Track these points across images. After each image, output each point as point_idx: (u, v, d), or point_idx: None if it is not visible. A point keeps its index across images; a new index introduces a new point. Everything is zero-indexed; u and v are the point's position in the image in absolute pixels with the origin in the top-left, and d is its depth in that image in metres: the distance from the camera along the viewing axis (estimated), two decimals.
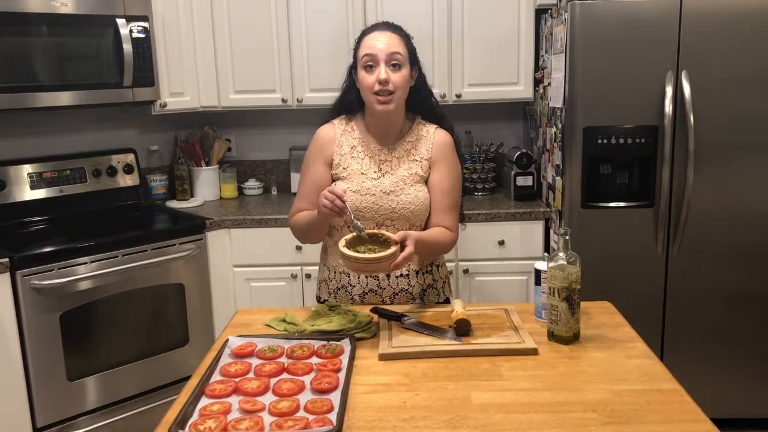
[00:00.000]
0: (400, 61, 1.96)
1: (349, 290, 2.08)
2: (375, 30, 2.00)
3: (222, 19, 3.37)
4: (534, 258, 3.02)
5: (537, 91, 3.41)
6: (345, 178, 2.04)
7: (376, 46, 1.95)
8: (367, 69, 1.96)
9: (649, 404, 1.39)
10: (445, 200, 2.05)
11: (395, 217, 2.01)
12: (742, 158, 2.85)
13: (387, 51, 1.94)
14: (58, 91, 2.86)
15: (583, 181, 2.91)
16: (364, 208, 2.01)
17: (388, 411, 1.39)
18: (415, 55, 2.04)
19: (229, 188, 3.72)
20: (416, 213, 2.01)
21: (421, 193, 2.02)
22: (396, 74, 1.95)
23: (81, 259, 2.70)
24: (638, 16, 2.77)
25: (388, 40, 1.96)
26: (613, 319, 1.86)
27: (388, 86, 1.94)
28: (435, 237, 2.00)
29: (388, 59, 1.94)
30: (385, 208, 2.00)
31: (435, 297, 2.13)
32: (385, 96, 1.95)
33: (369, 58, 1.95)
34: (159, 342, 2.96)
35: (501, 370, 1.56)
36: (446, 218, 2.04)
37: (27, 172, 3.11)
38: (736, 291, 2.95)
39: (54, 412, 2.68)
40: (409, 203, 2.00)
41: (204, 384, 1.49)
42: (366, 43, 1.98)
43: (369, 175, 2.03)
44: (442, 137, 2.08)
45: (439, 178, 2.05)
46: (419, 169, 2.04)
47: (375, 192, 2.01)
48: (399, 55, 1.95)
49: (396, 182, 2.02)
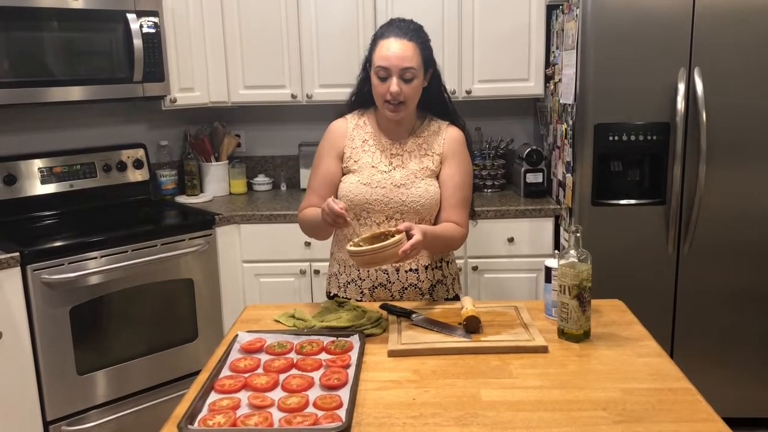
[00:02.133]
0: (413, 74, 1.95)
1: (359, 284, 2.08)
2: (391, 35, 1.96)
3: (232, 14, 3.36)
4: (544, 255, 3.01)
5: (548, 88, 3.40)
6: (356, 170, 2.05)
7: (389, 58, 1.93)
8: (380, 77, 1.96)
9: (660, 403, 1.38)
10: (456, 195, 2.04)
11: (405, 210, 2.00)
12: (755, 156, 2.83)
13: (400, 66, 1.92)
14: (68, 86, 2.86)
15: (594, 178, 2.89)
16: (375, 201, 2.00)
17: (397, 408, 1.39)
18: (430, 59, 2.02)
19: (239, 184, 3.72)
20: (426, 207, 2.01)
21: (431, 187, 2.02)
22: (408, 86, 1.95)
23: (91, 253, 2.71)
24: (650, 12, 2.74)
25: (402, 51, 1.93)
26: (624, 317, 1.85)
27: (400, 98, 1.95)
28: (445, 231, 2.00)
29: (400, 73, 1.93)
30: (396, 201, 2.00)
31: (444, 293, 2.13)
32: (396, 105, 1.96)
33: (382, 70, 1.94)
34: (168, 337, 2.97)
35: (511, 367, 1.56)
36: (457, 213, 2.04)
37: (37, 166, 3.12)
38: (747, 290, 2.93)
39: (64, 406, 2.69)
40: (419, 197, 2.00)
41: (213, 379, 1.49)
42: (380, 52, 1.95)
43: (380, 168, 2.04)
44: (454, 133, 2.09)
45: (450, 173, 2.05)
46: (430, 164, 2.04)
47: (385, 185, 2.01)
48: (412, 69, 1.94)
49: (407, 175, 2.02)
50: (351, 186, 2.03)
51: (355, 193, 2.01)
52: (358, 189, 2.01)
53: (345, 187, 2.04)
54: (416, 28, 2.00)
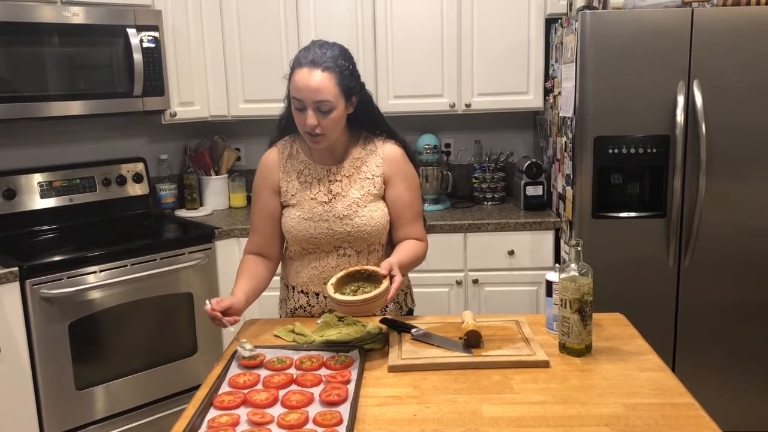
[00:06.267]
0: (329, 106, 1.82)
1: (308, 310, 2.04)
2: (305, 65, 1.81)
3: (232, 29, 3.38)
4: (544, 268, 3.00)
5: (547, 101, 3.40)
6: (294, 204, 1.98)
7: (301, 91, 1.80)
8: (296, 108, 1.85)
9: (663, 418, 1.37)
10: (409, 213, 1.99)
11: (351, 239, 1.95)
12: (755, 168, 2.83)
13: (313, 99, 1.80)
14: (68, 100, 2.87)
15: (594, 191, 2.89)
16: (319, 234, 1.95)
17: (398, 424, 1.38)
18: (350, 88, 1.86)
19: (238, 197, 3.72)
20: (373, 234, 1.95)
21: (376, 213, 1.95)
22: (325, 118, 1.83)
23: (90, 268, 2.70)
24: (649, 26, 2.75)
25: (315, 84, 1.79)
26: (626, 331, 1.84)
27: (316, 130, 1.84)
28: (412, 253, 1.94)
29: (315, 106, 1.81)
30: (340, 232, 1.94)
31: (398, 311, 2.08)
32: (314, 137, 1.86)
33: (296, 101, 1.83)
34: (167, 352, 2.96)
35: (512, 382, 1.55)
36: (413, 229, 2.00)
37: (37, 181, 3.12)
38: (748, 302, 2.92)
39: (62, 422, 2.68)
40: (364, 225, 1.94)
41: (212, 395, 1.48)
42: (294, 82, 1.82)
43: (319, 199, 1.96)
44: (391, 151, 1.99)
45: (398, 193, 1.98)
46: (372, 187, 1.96)
47: (327, 217, 1.94)
48: (327, 101, 1.81)
49: (348, 205, 1.94)
50: (293, 222, 1.96)
51: (298, 229, 1.95)
52: (301, 225, 1.95)
53: (287, 222, 1.97)
54: (334, 55, 1.84)
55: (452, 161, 3.80)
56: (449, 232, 3.17)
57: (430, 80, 3.38)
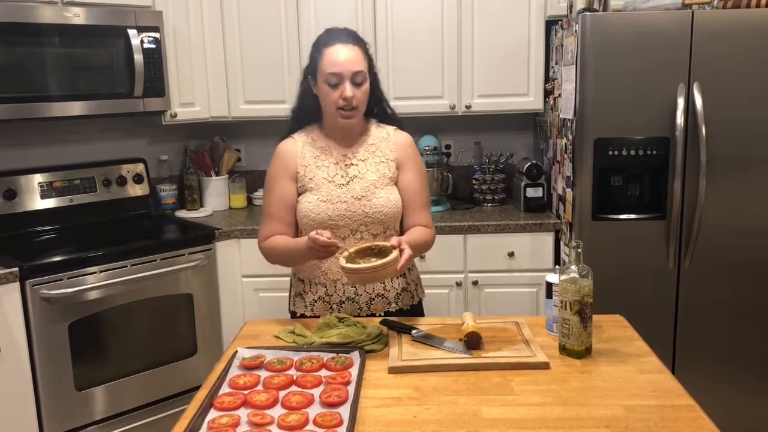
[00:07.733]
0: (363, 78, 1.96)
1: (327, 300, 2.06)
2: (336, 42, 1.95)
3: (232, 29, 3.38)
4: (544, 270, 3.00)
5: (547, 102, 3.41)
6: (312, 188, 2.02)
7: (341, 64, 1.92)
8: (330, 84, 1.94)
9: (663, 420, 1.37)
10: (418, 199, 2.07)
11: (369, 222, 2.00)
12: (755, 170, 2.83)
13: (351, 70, 1.93)
14: (69, 101, 2.87)
15: (594, 192, 2.89)
16: (337, 216, 1.99)
17: (398, 425, 1.38)
18: (371, 61, 2.03)
19: (239, 198, 3.72)
20: (390, 216, 2.02)
21: (392, 195, 2.03)
22: (359, 90, 1.96)
23: (90, 268, 2.70)
24: (650, 28, 2.75)
25: (351, 56, 1.93)
26: (626, 332, 1.84)
27: (353, 102, 1.95)
28: (420, 238, 2.01)
29: (352, 78, 1.93)
30: (359, 213, 1.99)
31: (409, 300, 2.12)
32: (349, 111, 1.96)
33: (333, 76, 1.93)
34: (167, 352, 2.96)
35: (512, 384, 1.55)
36: (422, 216, 2.07)
37: (37, 181, 3.12)
38: (748, 303, 2.92)
39: (62, 422, 2.67)
40: (381, 206, 2.00)
41: (212, 396, 1.48)
42: (329, 58, 1.94)
43: (337, 182, 2.02)
44: (403, 138, 2.10)
45: (409, 179, 2.06)
46: (387, 170, 2.04)
47: (346, 199, 2.00)
48: (362, 72, 1.95)
49: (366, 187, 2.01)
50: (311, 205, 2.00)
51: (317, 211, 1.98)
52: (319, 207, 1.98)
53: (305, 207, 2.00)
54: (356, 34, 2.02)
55: (452, 163, 3.80)
56: (449, 234, 3.17)
57: (431, 82, 3.39)
